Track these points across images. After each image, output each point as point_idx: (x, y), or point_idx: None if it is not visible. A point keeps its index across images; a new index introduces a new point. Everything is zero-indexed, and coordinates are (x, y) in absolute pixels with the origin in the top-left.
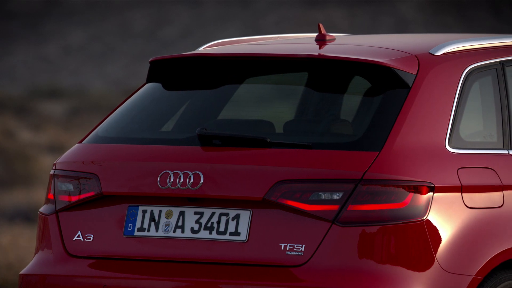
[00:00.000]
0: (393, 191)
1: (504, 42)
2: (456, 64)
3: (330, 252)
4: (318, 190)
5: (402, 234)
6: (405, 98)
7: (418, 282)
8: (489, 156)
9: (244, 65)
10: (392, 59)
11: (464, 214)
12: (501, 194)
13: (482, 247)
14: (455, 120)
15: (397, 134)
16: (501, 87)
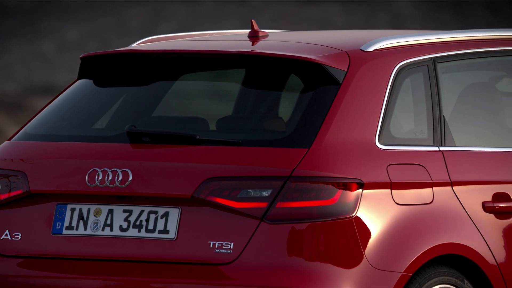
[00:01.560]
0: (322, 188)
1: (436, 38)
2: (387, 60)
3: (259, 250)
4: (247, 188)
5: (331, 231)
6: (335, 95)
7: (347, 279)
8: (419, 152)
9: (175, 62)
10: (323, 56)
11: (393, 211)
12: (431, 190)
13: (411, 244)
14: (385, 116)
15: (326, 131)
16: (432, 84)
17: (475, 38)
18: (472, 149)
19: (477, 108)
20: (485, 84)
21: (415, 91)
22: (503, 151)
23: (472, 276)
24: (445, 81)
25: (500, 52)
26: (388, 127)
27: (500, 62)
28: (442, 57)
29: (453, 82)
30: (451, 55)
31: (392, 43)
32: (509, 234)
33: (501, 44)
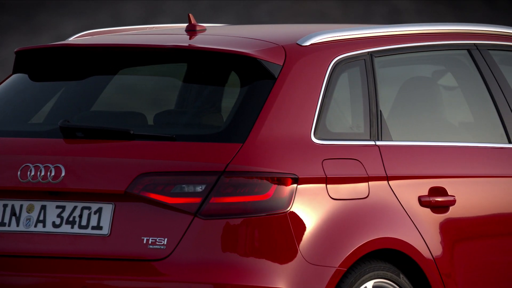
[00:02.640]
0: (256, 183)
1: (373, 32)
2: (324, 54)
3: (193, 245)
4: (181, 183)
5: (265, 227)
6: (271, 89)
7: (281, 274)
8: (356, 147)
9: (112, 56)
10: (258, 50)
11: (328, 206)
12: (367, 185)
13: (346, 239)
14: (321, 111)
15: (261, 126)
16: (369, 78)
17: (413, 33)
18: (409, 144)
19: (415, 102)
20: (424, 79)
21: (352, 85)
22: (441, 145)
23: (408, 270)
24: (383, 75)
25: (438, 46)
26: (324, 122)
27: (439, 56)
28: (379, 51)
29: (391, 77)
30: (388, 49)
31: (329, 37)
32: (445, 228)
33: (439, 38)
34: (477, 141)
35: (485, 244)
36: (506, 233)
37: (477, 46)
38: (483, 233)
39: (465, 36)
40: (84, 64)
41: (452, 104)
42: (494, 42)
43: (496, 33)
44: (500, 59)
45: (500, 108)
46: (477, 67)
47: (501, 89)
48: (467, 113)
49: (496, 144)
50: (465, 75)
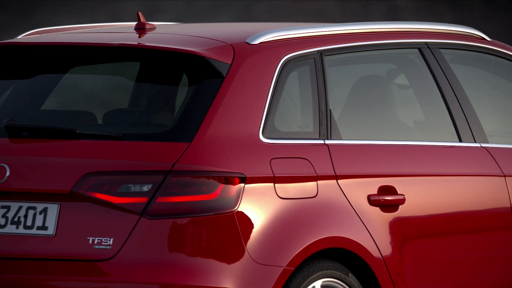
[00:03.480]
0: (203, 182)
1: (323, 31)
2: (273, 53)
3: (139, 245)
4: (127, 182)
5: (212, 226)
6: (219, 88)
7: (229, 274)
8: (304, 146)
9: (59, 55)
10: (206, 49)
11: (276, 205)
12: (315, 184)
13: (294, 238)
14: (270, 110)
15: (209, 125)
16: (319, 77)
17: (363, 31)
18: (359, 143)
19: (367, 101)
20: (376, 77)
21: (301, 84)
22: (391, 144)
23: (357, 269)
24: (334, 74)
25: (389, 44)
26: (273, 121)
27: (390, 55)
28: (329, 50)
29: (342, 75)
30: (338, 48)
31: (278, 36)
32: (395, 227)
33: (390, 37)
34: (428, 140)
35: (435, 243)
36: (455, 231)
37: (428, 45)
38: (432, 232)
39: (416, 35)
40: (33, 63)
41: (404, 103)
42: (445, 40)
43: (447, 31)
44: (451, 57)
45: (451, 107)
46: (428, 66)
47: (452, 88)
48: (418, 112)
49: (447, 143)
50: (416, 74)
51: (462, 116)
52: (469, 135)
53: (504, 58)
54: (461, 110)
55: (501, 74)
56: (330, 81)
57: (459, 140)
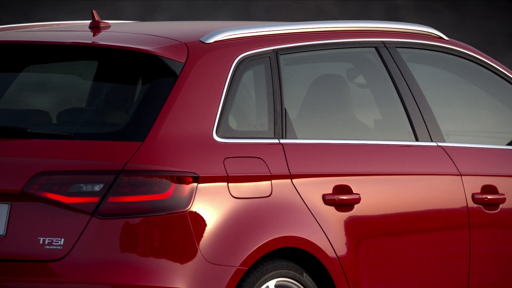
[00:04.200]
0: (156, 182)
1: (279, 30)
2: (228, 52)
3: (90, 246)
4: (78, 182)
5: (165, 226)
6: (172, 87)
7: (181, 274)
8: (258, 145)
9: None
10: (160, 47)
11: (229, 204)
12: (270, 183)
13: (248, 238)
14: (224, 109)
15: (161, 124)
16: (274, 76)
17: (320, 30)
18: (315, 142)
19: (323, 100)
20: (333, 76)
21: (256, 83)
22: (347, 143)
23: (312, 269)
24: (290, 73)
25: (346, 43)
26: (227, 120)
27: (347, 54)
28: (285, 49)
29: (298, 74)
30: (294, 46)
31: (233, 34)
32: (350, 226)
33: (347, 36)
34: (384, 139)
35: (390, 242)
36: (411, 230)
37: (385, 44)
38: (388, 231)
39: (373, 34)
40: None
41: (361, 102)
42: (402, 39)
43: (405, 30)
44: (408, 56)
45: (407, 106)
46: (385, 65)
47: (409, 87)
48: (375, 111)
49: (404, 142)
50: (373, 73)
51: (419, 115)
52: (426, 134)
53: (462, 57)
54: (417, 109)
55: (459, 73)
56: (286, 80)
57: (415, 139)
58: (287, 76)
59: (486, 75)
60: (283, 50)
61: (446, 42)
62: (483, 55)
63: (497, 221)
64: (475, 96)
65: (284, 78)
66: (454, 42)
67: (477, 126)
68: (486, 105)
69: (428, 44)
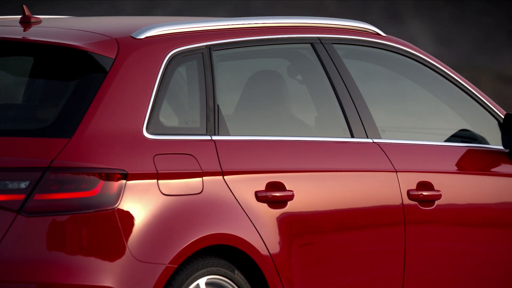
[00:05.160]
0: (83, 179)
1: (212, 26)
2: (159, 48)
3: (16, 244)
4: (4, 179)
5: (93, 224)
6: (101, 83)
7: (109, 273)
8: (190, 142)
9: None
10: (90, 43)
11: (159, 202)
12: (201, 180)
13: (178, 235)
14: (155, 105)
15: (89, 121)
16: (207, 72)
17: (254, 26)
18: (248, 138)
19: (258, 97)
20: (269, 73)
21: (189, 79)
22: (281, 140)
23: (245, 266)
24: (224, 69)
25: (281, 39)
26: (158, 116)
27: (282, 50)
28: (218, 45)
29: (233, 70)
30: (228, 42)
31: (166, 30)
32: (283, 223)
33: (282, 32)
34: (319, 136)
35: (324, 239)
36: (345, 227)
37: (321, 40)
38: (322, 228)
39: (309, 30)
40: None
41: (296, 99)
42: (338, 36)
43: (341, 26)
44: (344, 53)
45: (343, 103)
46: (320, 61)
47: (345, 84)
48: (310, 108)
49: (339, 138)
50: (309, 69)
51: (355, 111)
52: (361, 131)
53: (398, 53)
54: (353, 106)
55: (396, 70)
56: (220, 77)
57: (351, 135)
58: (222, 73)
59: (424, 71)
60: (216, 46)
61: (383, 38)
62: (420, 51)
63: (433, 218)
64: (413, 92)
65: (218, 74)
66: (392, 39)
67: (414, 122)
68: (423, 101)
69: (364, 40)
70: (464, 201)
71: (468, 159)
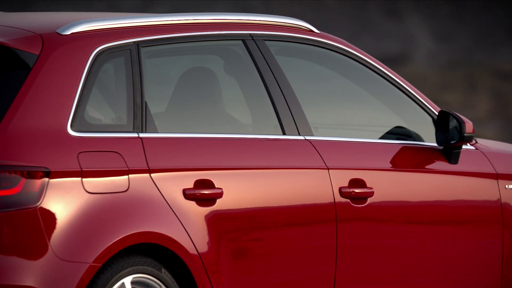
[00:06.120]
0: (4, 177)
1: (141, 22)
2: (86, 44)
3: None
4: None
5: (14, 222)
6: (24, 80)
7: (31, 272)
8: (116, 139)
9: None
10: (13, 39)
11: (83, 200)
12: (127, 178)
13: (102, 233)
14: (80, 102)
15: (11, 118)
16: (135, 69)
17: (185, 22)
18: (176, 136)
19: (189, 94)
20: (202, 70)
21: (116, 76)
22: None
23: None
24: (153, 66)
25: (212, 36)
26: (83, 114)
27: (213, 46)
28: (147, 41)
29: (163, 67)
30: (157, 39)
31: (93, 26)
32: (212, 221)
33: (213, 29)
34: (251, 133)
35: (254, 237)
36: (275, 225)
37: (253, 37)
38: (252, 226)
39: (241, 27)
40: None
41: (228, 96)
42: (271, 32)
43: (273, 23)
44: (276, 49)
45: (275, 100)
46: (252, 58)
47: (277, 80)
48: (242, 105)
49: (270, 135)
50: (241, 66)
51: (287, 108)
52: (293, 128)
53: (331, 50)
54: (285, 103)
55: (329, 67)
56: (149, 73)
57: (283, 133)
58: (152, 69)
59: (358, 68)
60: (145, 42)
61: (316, 35)
62: (355, 48)
63: (365, 215)
64: (347, 89)
65: (147, 71)
66: (325, 35)
67: (348, 119)
68: (358, 98)
69: (297, 37)
70: (397, 198)
71: (402, 156)
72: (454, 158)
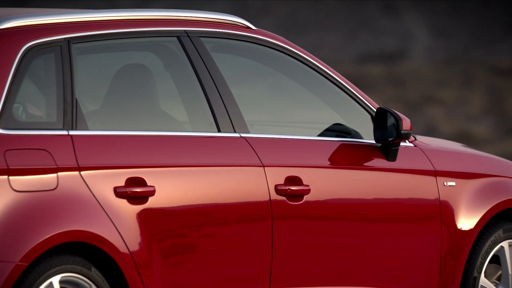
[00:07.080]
0: None
1: (72, 18)
2: (14, 40)
3: None
4: None
5: None
6: None
7: None
8: (45, 137)
9: None
10: None
11: (10, 198)
12: (56, 176)
13: (29, 232)
14: (8, 99)
15: None
16: (65, 65)
17: (118, 18)
18: (108, 133)
19: (122, 90)
20: (137, 66)
21: (46, 73)
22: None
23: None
24: (85, 62)
25: (146, 32)
26: (11, 111)
27: (147, 43)
28: (78, 38)
29: (95, 64)
30: (89, 35)
31: (22, 22)
32: (144, 220)
33: (147, 25)
34: (185, 131)
35: (187, 235)
36: (209, 223)
37: (188, 33)
38: (185, 224)
39: (175, 23)
40: None
41: (162, 92)
42: (206, 29)
43: (209, 20)
44: (212, 46)
45: (210, 97)
46: (187, 54)
47: (212, 78)
48: (176, 102)
49: (205, 133)
50: (175, 63)
51: (222, 106)
52: (229, 125)
53: (268, 46)
54: (221, 100)
55: (266, 63)
56: (81, 70)
57: (218, 130)
58: (84, 66)
59: (296, 65)
60: (76, 38)
61: (253, 31)
62: (292, 45)
63: (301, 212)
64: (284, 86)
65: (79, 68)
66: (261, 32)
67: (285, 117)
68: (295, 95)
69: (234, 34)
70: (334, 196)
71: (340, 153)
72: (392, 155)
